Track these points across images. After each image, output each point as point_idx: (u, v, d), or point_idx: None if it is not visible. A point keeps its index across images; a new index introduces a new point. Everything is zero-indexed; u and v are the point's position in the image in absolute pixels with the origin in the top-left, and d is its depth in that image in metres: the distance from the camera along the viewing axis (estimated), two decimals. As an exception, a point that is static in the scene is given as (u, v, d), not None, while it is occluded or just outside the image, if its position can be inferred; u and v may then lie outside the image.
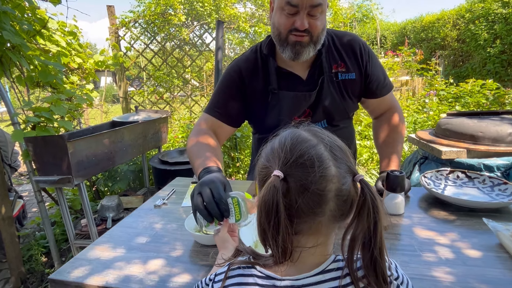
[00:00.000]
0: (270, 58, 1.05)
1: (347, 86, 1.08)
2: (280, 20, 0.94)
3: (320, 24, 0.94)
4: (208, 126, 1.09)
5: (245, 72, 1.07)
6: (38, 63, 2.45)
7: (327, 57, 1.05)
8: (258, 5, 3.84)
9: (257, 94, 1.07)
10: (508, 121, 1.73)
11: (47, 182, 1.74)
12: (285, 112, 1.07)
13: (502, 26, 5.62)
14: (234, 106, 1.09)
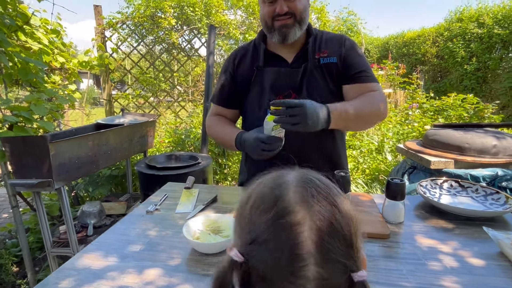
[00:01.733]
0: (261, 43, 1.16)
1: (329, 70, 1.12)
2: (263, 10, 1.06)
3: (299, 4, 1.03)
4: (215, 113, 1.27)
5: (238, 57, 1.20)
6: (18, 60, 2.33)
7: (313, 46, 1.13)
8: (249, 13, 3.85)
9: (245, 73, 1.17)
10: (491, 133, 1.80)
11: (25, 186, 1.62)
12: (268, 88, 1.12)
13: (478, 45, 5.94)
14: (230, 90, 1.21)
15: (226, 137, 1.16)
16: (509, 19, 5.54)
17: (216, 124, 1.24)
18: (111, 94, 3.97)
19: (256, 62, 1.15)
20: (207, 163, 2.15)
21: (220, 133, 1.21)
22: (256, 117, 1.15)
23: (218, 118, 1.26)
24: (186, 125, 3.62)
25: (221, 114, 1.26)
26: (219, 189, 1.28)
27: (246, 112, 1.22)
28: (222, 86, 1.22)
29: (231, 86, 1.20)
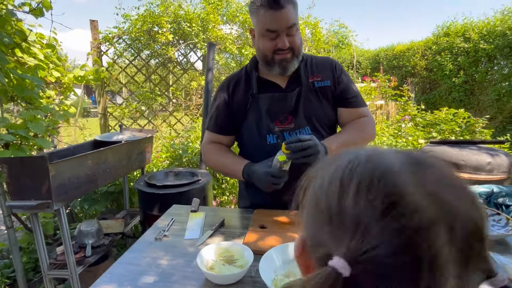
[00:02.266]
0: (253, 70, 1.19)
1: (323, 92, 1.19)
2: (264, 45, 1.08)
3: (297, 39, 1.09)
4: (211, 140, 1.28)
5: (231, 85, 1.23)
6: (14, 76, 2.31)
7: (304, 70, 1.18)
8: (245, 28, 3.92)
9: (240, 101, 1.20)
10: (485, 150, 1.85)
11: (23, 208, 1.59)
12: (264, 114, 1.16)
13: (465, 58, 6.14)
14: (226, 117, 1.23)
15: (229, 167, 1.19)
16: (494, 34, 5.77)
17: (216, 153, 1.25)
18: (106, 108, 3.94)
19: (250, 89, 1.18)
20: (206, 180, 2.15)
21: (221, 162, 1.23)
22: (254, 143, 1.19)
23: (216, 146, 1.27)
24: (183, 139, 3.62)
25: (217, 141, 1.28)
26: (225, 212, 1.28)
27: (243, 138, 1.25)
28: (218, 113, 1.24)
29: (227, 113, 1.22)
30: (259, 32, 1.08)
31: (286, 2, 1.03)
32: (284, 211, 1.18)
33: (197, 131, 3.21)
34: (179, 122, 4.28)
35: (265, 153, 1.12)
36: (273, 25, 1.03)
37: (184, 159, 2.96)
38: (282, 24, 1.03)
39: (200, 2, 4.02)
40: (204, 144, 1.31)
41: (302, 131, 1.17)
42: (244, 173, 1.12)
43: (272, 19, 1.03)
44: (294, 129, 1.17)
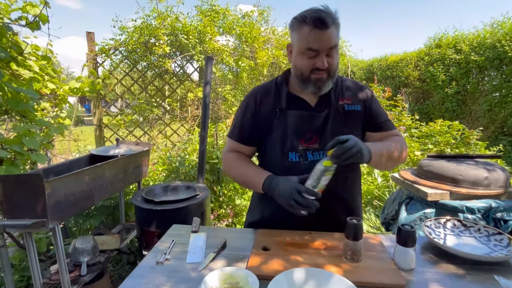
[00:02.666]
0: (283, 85, 1.18)
1: (353, 117, 1.18)
2: (302, 62, 1.07)
3: (335, 61, 1.08)
4: (232, 149, 1.27)
5: (259, 96, 1.21)
6: (9, 89, 2.27)
7: (335, 91, 1.17)
8: (242, 41, 3.95)
9: (267, 113, 1.18)
10: (482, 165, 1.87)
11: (17, 227, 1.55)
12: (290, 131, 1.14)
13: (457, 70, 6.27)
14: (250, 128, 1.21)
15: (249, 177, 1.16)
16: (484, 46, 5.91)
17: (236, 162, 1.23)
18: (102, 119, 3.91)
19: (279, 103, 1.16)
20: (205, 194, 2.13)
21: (242, 172, 1.20)
22: (276, 158, 1.17)
23: (236, 155, 1.24)
24: (179, 150, 3.60)
25: (238, 151, 1.26)
26: (226, 232, 1.26)
27: (265, 151, 1.23)
28: (242, 123, 1.22)
29: (252, 124, 1.20)
30: (299, 49, 1.07)
31: (331, 22, 1.02)
32: (288, 232, 1.17)
33: (194, 144, 3.20)
34: (175, 133, 4.27)
35: (285, 170, 1.11)
36: (315, 45, 1.02)
37: (181, 172, 2.94)
38: (324, 45, 1.02)
39: (197, 14, 4.06)
40: (225, 152, 1.29)
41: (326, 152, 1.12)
42: (265, 185, 1.08)
43: (315, 39, 1.02)
44: (318, 149, 1.14)
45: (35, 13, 2.32)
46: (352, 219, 0.98)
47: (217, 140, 3.21)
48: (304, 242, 1.10)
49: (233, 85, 4.17)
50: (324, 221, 1.18)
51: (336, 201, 1.17)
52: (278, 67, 4.45)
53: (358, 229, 0.97)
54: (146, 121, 4.02)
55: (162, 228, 1.92)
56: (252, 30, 3.96)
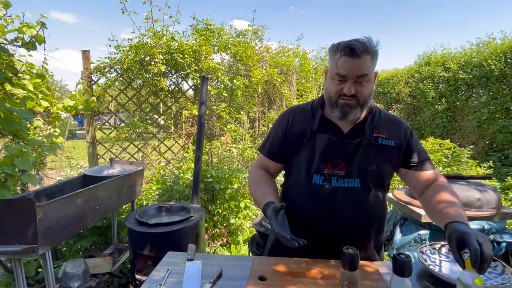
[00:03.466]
0: (319, 108, 1.22)
1: (385, 151, 1.15)
2: (331, 87, 1.11)
3: (366, 90, 1.08)
4: (260, 163, 1.31)
5: (294, 114, 1.25)
6: (1, 109, 2.25)
7: (371, 122, 1.17)
8: (236, 59, 4.01)
9: (298, 133, 1.20)
10: (473, 186, 1.90)
11: (6, 254, 1.50)
12: (318, 153, 1.15)
13: (446, 87, 6.44)
14: (280, 146, 1.24)
15: (258, 198, 1.20)
16: (471, 65, 6.11)
17: (253, 181, 1.28)
18: (95, 137, 3.89)
19: (311, 125, 1.19)
20: (199, 216, 2.11)
21: (253, 192, 1.25)
22: (300, 178, 1.18)
23: (258, 173, 1.29)
24: (173, 167, 3.57)
25: (265, 165, 1.31)
26: (221, 260, 1.25)
27: (291, 170, 1.25)
28: (273, 140, 1.27)
29: (282, 142, 1.24)
30: (330, 74, 1.12)
31: (364, 52, 1.03)
32: (284, 259, 1.16)
33: (189, 162, 3.19)
34: (169, 150, 4.25)
35: (307, 191, 1.14)
36: (343, 71, 1.05)
37: (175, 191, 2.91)
38: (352, 72, 1.04)
39: (192, 33, 4.13)
40: (253, 167, 1.34)
41: (351, 181, 1.13)
42: (264, 212, 1.12)
43: (344, 65, 1.04)
44: (344, 177, 1.13)
45: (32, 34, 2.33)
46: (348, 248, 0.99)
47: (212, 158, 3.21)
48: (301, 271, 1.10)
49: (228, 102, 4.21)
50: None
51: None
52: (272, 85, 4.51)
53: (355, 259, 0.97)
54: (140, 138, 4.00)
55: (156, 252, 1.89)
56: (246, 49, 4.04)
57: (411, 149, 1.19)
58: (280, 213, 1.03)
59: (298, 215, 1.17)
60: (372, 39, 1.08)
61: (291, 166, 1.25)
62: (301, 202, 1.18)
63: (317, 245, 1.14)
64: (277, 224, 1.00)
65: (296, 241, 0.94)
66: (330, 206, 1.11)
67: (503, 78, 5.58)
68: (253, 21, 4.59)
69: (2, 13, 2.41)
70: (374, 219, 1.18)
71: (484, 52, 6.01)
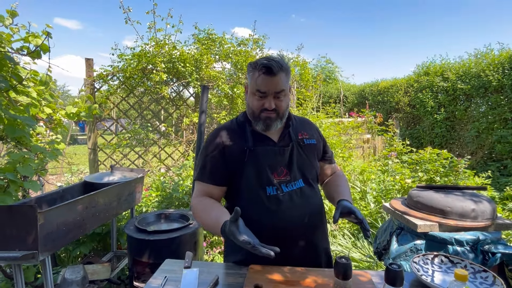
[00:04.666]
0: (246, 124, 1.27)
1: (311, 149, 1.33)
2: (253, 102, 1.20)
3: (284, 103, 1.21)
4: (203, 192, 1.26)
5: (221, 136, 1.26)
6: (5, 116, 2.29)
7: (293, 128, 1.31)
8: (237, 68, 4.07)
9: (235, 152, 1.23)
10: (469, 196, 1.92)
11: (7, 259, 1.53)
12: (264, 166, 1.21)
13: (444, 97, 6.50)
14: (221, 169, 1.24)
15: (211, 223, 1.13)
16: (469, 75, 6.17)
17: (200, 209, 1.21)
18: (97, 143, 3.93)
19: (245, 142, 1.23)
20: (198, 224, 2.13)
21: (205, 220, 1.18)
22: (253, 194, 1.21)
23: (203, 201, 1.23)
24: (173, 174, 3.60)
25: (209, 193, 1.25)
26: (218, 268, 1.27)
27: (239, 189, 1.25)
28: (212, 166, 1.23)
29: (222, 165, 1.23)
30: (251, 90, 1.21)
31: (279, 70, 1.15)
32: (279, 268, 1.19)
33: (188, 169, 3.22)
34: (170, 157, 4.29)
35: (264, 204, 1.18)
36: (263, 88, 1.16)
37: (174, 198, 2.94)
38: (271, 89, 1.16)
39: (194, 42, 4.20)
40: (194, 198, 1.27)
41: (297, 183, 1.24)
42: (223, 233, 1.04)
43: (263, 83, 1.16)
44: (290, 181, 1.23)
45: (37, 43, 2.39)
46: (341, 258, 1.01)
47: (211, 165, 3.24)
48: (296, 279, 1.12)
49: (228, 110, 4.26)
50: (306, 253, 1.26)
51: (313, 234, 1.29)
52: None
53: (348, 269, 1.00)
54: (141, 144, 4.04)
55: (154, 259, 1.91)
56: (247, 58, 4.10)
57: (324, 145, 1.43)
58: (239, 222, 1.00)
59: (262, 227, 1.16)
60: (284, 57, 1.22)
61: (237, 185, 1.24)
62: (262, 215, 1.20)
63: (288, 248, 1.20)
64: (240, 234, 0.96)
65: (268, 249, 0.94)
66: (289, 210, 1.19)
67: (501, 88, 5.64)
68: (254, 31, 4.67)
69: (8, 22, 2.47)
70: (321, 208, 1.35)
71: (482, 63, 6.08)
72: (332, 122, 5.09)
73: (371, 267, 2.80)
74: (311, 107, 5.08)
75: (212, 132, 1.32)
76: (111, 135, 4.21)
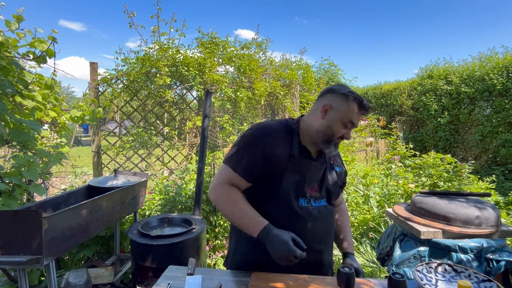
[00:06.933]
0: (295, 133, 1.28)
1: (338, 176, 1.40)
2: (338, 129, 1.24)
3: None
4: (230, 181, 1.23)
5: (271, 136, 1.24)
6: (11, 120, 2.31)
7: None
8: (240, 72, 4.09)
9: (279, 158, 1.22)
10: (473, 203, 1.91)
11: (12, 264, 1.54)
12: (303, 178, 1.25)
13: (448, 100, 6.47)
14: (256, 167, 1.21)
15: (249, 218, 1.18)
16: (473, 78, 6.14)
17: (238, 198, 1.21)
18: (100, 146, 3.95)
19: (290, 149, 1.25)
20: (201, 228, 2.14)
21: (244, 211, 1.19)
22: (286, 202, 1.23)
23: (236, 191, 1.22)
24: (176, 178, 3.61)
25: (235, 183, 1.22)
26: (221, 275, 1.27)
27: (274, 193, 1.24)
28: (251, 160, 1.21)
29: (262, 164, 1.21)
30: (340, 117, 1.22)
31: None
32: (282, 275, 1.19)
33: (192, 173, 3.23)
34: (173, 160, 4.30)
35: (295, 213, 1.22)
36: (355, 121, 1.24)
37: (177, 201, 2.94)
38: (357, 124, 1.26)
39: (198, 46, 4.22)
40: (221, 183, 1.23)
41: (322, 201, 1.31)
42: (262, 233, 1.13)
43: (357, 117, 1.24)
44: (318, 198, 1.30)
45: (43, 49, 2.42)
46: (344, 267, 1.01)
47: (214, 169, 3.25)
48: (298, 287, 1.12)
49: (231, 114, 4.27)
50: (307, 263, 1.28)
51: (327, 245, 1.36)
52: (275, 96, 4.57)
53: (350, 278, 1.00)
54: (144, 147, 4.06)
55: (157, 263, 1.91)
56: (250, 62, 4.11)
57: (345, 176, 1.48)
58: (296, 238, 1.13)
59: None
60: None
61: (271, 188, 1.24)
62: (291, 222, 1.22)
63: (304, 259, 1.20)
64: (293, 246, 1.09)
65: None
66: (314, 224, 1.24)
67: (506, 92, 5.60)
68: (257, 34, 4.68)
69: (14, 27, 2.50)
70: (334, 227, 1.42)
71: (486, 66, 6.05)
72: (335, 125, 5.07)
73: (374, 272, 2.79)
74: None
75: (258, 127, 1.28)
76: (115, 137, 4.24)
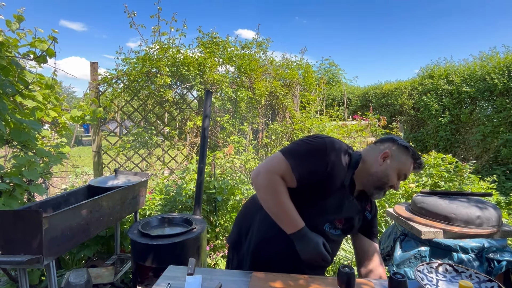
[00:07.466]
0: (354, 166, 1.31)
1: (364, 220, 1.43)
2: (392, 178, 1.30)
3: None
4: (283, 174, 1.20)
5: (337, 156, 1.25)
6: (11, 120, 2.31)
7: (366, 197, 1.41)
8: (241, 72, 4.08)
9: (335, 179, 1.24)
10: (474, 203, 1.91)
11: (12, 264, 1.54)
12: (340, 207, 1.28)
13: (449, 100, 6.45)
14: (312, 175, 1.21)
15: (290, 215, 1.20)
16: (474, 78, 6.12)
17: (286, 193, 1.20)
18: (101, 146, 3.95)
19: (345, 177, 1.27)
20: (201, 228, 2.13)
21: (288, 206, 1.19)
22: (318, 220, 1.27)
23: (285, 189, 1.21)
24: (176, 177, 3.61)
25: (285, 177, 1.19)
26: (221, 275, 1.27)
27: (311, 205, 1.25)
28: (314, 168, 1.20)
29: (320, 177, 1.20)
30: (397, 167, 1.29)
31: None
32: (282, 275, 1.19)
33: (192, 173, 3.23)
34: (173, 160, 4.30)
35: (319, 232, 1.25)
36: (408, 175, 1.33)
37: (178, 201, 2.94)
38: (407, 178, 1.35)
39: (198, 46, 4.22)
40: (272, 172, 1.19)
41: (338, 231, 1.34)
42: (298, 233, 1.18)
43: (410, 171, 1.33)
44: (337, 228, 1.34)
45: (43, 48, 2.42)
46: (344, 267, 1.01)
47: (215, 169, 3.25)
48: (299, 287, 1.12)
49: (232, 113, 4.27)
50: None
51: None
52: (276, 96, 4.57)
53: (351, 278, 0.99)
54: (144, 147, 4.06)
55: (158, 263, 1.91)
56: (251, 62, 4.11)
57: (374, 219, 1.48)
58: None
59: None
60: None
61: (312, 199, 1.25)
62: None
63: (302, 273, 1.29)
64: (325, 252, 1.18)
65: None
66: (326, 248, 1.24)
67: (507, 91, 5.59)
68: (257, 34, 4.68)
69: (15, 27, 2.50)
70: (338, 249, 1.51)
71: (487, 66, 6.03)
72: (336, 125, 5.08)
73: (374, 272, 2.78)
74: (315, 110, 5.08)
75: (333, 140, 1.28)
76: (116, 137, 4.24)
